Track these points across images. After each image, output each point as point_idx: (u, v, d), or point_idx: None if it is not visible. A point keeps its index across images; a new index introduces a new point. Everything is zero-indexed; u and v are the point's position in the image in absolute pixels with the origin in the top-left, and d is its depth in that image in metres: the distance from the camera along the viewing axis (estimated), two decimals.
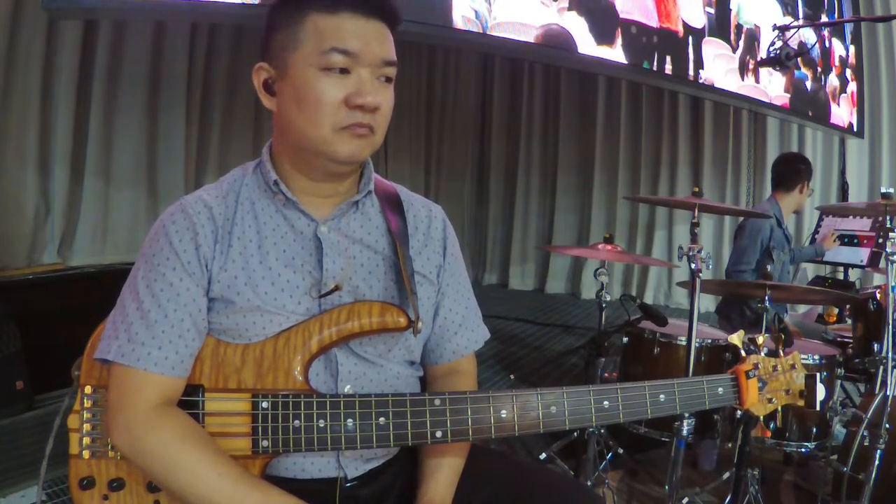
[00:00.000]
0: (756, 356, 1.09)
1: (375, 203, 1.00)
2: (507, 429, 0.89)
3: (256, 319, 0.88)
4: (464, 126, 6.43)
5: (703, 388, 1.02)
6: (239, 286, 0.88)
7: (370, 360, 0.94)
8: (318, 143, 0.88)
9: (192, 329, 0.85)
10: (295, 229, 0.93)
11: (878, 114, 4.95)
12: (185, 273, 0.87)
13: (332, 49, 0.85)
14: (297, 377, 0.87)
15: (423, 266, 1.00)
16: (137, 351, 0.83)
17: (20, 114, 3.29)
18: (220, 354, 0.88)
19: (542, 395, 0.91)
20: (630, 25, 3.48)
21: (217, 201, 0.92)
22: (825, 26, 4.44)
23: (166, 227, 0.89)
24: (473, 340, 1.07)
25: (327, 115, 0.86)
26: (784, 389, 1.11)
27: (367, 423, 0.86)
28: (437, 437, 0.87)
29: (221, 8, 2.70)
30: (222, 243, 0.90)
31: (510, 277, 6.23)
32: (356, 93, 0.86)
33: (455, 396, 0.88)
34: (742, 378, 1.05)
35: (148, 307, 0.85)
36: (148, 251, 0.89)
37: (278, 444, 0.85)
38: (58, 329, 2.50)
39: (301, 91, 0.87)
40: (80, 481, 0.85)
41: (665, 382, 0.99)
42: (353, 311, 0.90)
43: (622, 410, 0.94)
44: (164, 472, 0.80)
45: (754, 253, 2.86)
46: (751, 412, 1.08)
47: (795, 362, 1.13)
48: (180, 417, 0.83)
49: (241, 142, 4.33)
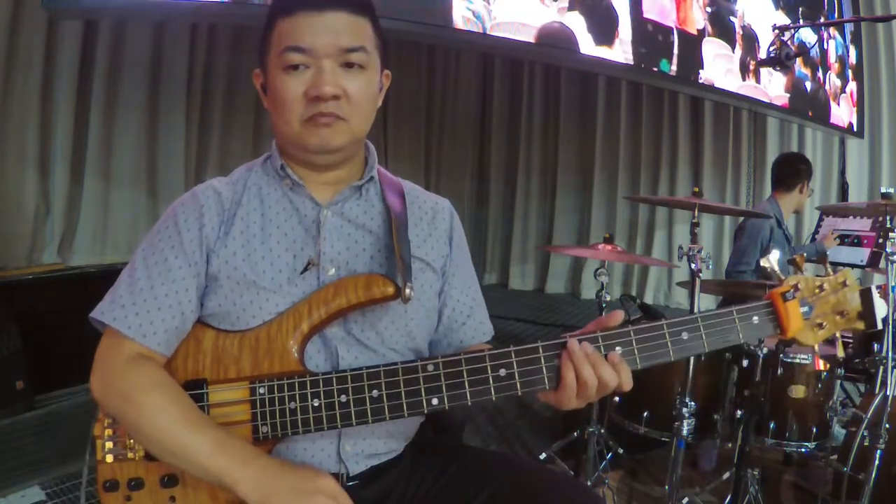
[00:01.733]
0: (796, 276, 0.93)
1: (378, 190, 1.03)
2: (508, 388, 0.85)
3: (253, 298, 0.90)
4: (464, 126, 6.42)
5: (734, 318, 0.89)
6: (237, 261, 0.92)
7: (371, 348, 0.95)
8: (291, 137, 0.94)
9: (175, 307, 0.89)
10: (299, 213, 0.97)
11: (878, 114, 4.95)
12: (182, 253, 0.91)
13: (286, 48, 0.90)
14: (292, 359, 0.89)
15: (427, 254, 1.02)
16: (116, 312, 0.89)
17: (20, 114, 3.28)
18: (219, 346, 0.90)
19: (544, 348, 0.86)
20: (646, 24, 3.49)
21: (226, 188, 0.98)
22: (825, 26, 4.43)
23: (175, 210, 0.95)
24: (481, 332, 1.09)
25: (293, 111, 0.92)
26: (837, 312, 0.93)
27: (360, 397, 0.86)
28: (433, 405, 0.85)
29: (221, 8, 2.70)
30: (227, 224, 0.94)
31: (510, 277, 6.22)
32: (312, 85, 0.90)
33: (449, 359, 0.86)
34: (778, 302, 0.90)
35: (138, 276, 0.91)
36: (155, 229, 0.95)
37: (277, 429, 0.86)
38: (58, 329, 2.50)
39: (272, 92, 0.94)
40: (104, 484, 0.89)
41: (686, 318, 0.88)
42: (340, 286, 0.91)
43: (638, 355, 0.85)
44: (130, 417, 0.85)
45: (754, 253, 2.86)
46: (798, 341, 0.92)
47: (847, 279, 0.94)
48: (149, 367, 0.87)
49: (241, 142, 4.33)
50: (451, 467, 1.02)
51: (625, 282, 5.80)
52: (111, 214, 3.78)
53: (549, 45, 3.19)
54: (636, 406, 2.09)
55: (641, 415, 2.07)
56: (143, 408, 0.83)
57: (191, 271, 0.91)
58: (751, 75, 4.08)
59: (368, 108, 0.96)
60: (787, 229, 3.00)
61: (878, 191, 2.02)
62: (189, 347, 0.91)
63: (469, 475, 0.99)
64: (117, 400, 0.86)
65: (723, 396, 2.07)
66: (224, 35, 4.17)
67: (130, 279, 0.91)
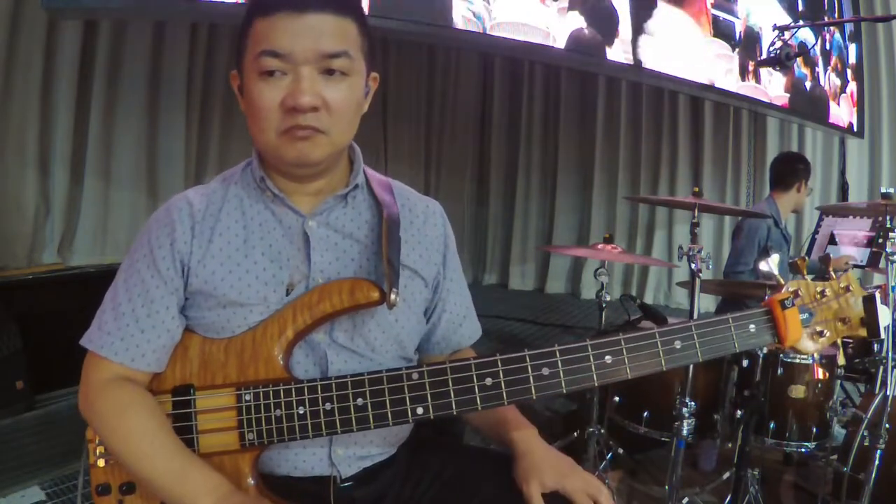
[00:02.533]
0: (796, 281, 0.89)
1: (366, 196, 0.99)
2: (494, 398, 0.84)
3: (237, 310, 0.89)
4: (464, 126, 6.42)
5: (730, 327, 0.86)
6: (216, 281, 0.89)
7: (360, 354, 0.93)
8: (267, 148, 0.89)
9: (159, 326, 0.88)
10: (283, 224, 0.93)
11: (878, 114, 4.94)
12: (156, 272, 0.89)
13: (262, 52, 0.84)
14: (277, 366, 0.88)
15: (416, 262, 0.99)
16: (103, 340, 0.89)
17: (20, 114, 3.29)
18: (205, 352, 0.90)
19: (531, 357, 0.84)
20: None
21: (200, 198, 0.94)
22: (825, 26, 4.43)
23: (150, 227, 0.93)
24: (475, 331, 1.09)
25: (268, 121, 0.85)
26: (839, 318, 0.90)
27: (344, 405, 0.85)
28: (418, 415, 0.84)
29: (221, 8, 2.70)
30: (200, 238, 0.91)
31: (510, 277, 6.22)
32: (289, 95, 0.83)
33: (434, 368, 0.85)
34: (777, 310, 0.87)
35: (120, 300, 0.90)
36: (133, 248, 0.93)
37: (263, 436, 0.86)
38: (58, 329, 2.50)
39: (247, 98, 0.89)
40: (97, 487, 0.89)
41: (680, 326, 0.85)
42: (325, 291, 0.89)
43: (628, 364, 0.84)
44: (107, 436, 0.86)
45: (752, 253, 2.86)
46: (797, 350, 0.89)
47: (850, 283, 0.91)
48: (127, 389, 0.87)
49: (241, 142, 4.33)
50: (449, 466, 1.01)
51: (625, 282, 5.80)
52: (111, 214, 3.78)
53: (579, 52, 3.21)
54: (636, 406, 2.09)
55: (641, 415, 2.07)
56: (116, 431, 0.85)
57: (168, 289, 0.89)
58: (750, 76, 4.08)
59: (351, 118, 0.90)
60: (785, 229, 3.00)
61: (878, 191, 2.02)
62: (177, 353, 0.91)
63: (468, 473, 0.99)
64: (96, 421, 0.88)
65: (723, 396, 2.07)
66: (224, 35, 4.17)
67: (114, 303, 0.90)
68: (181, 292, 0.91)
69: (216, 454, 0.87)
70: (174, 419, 0.87)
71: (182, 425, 0.87)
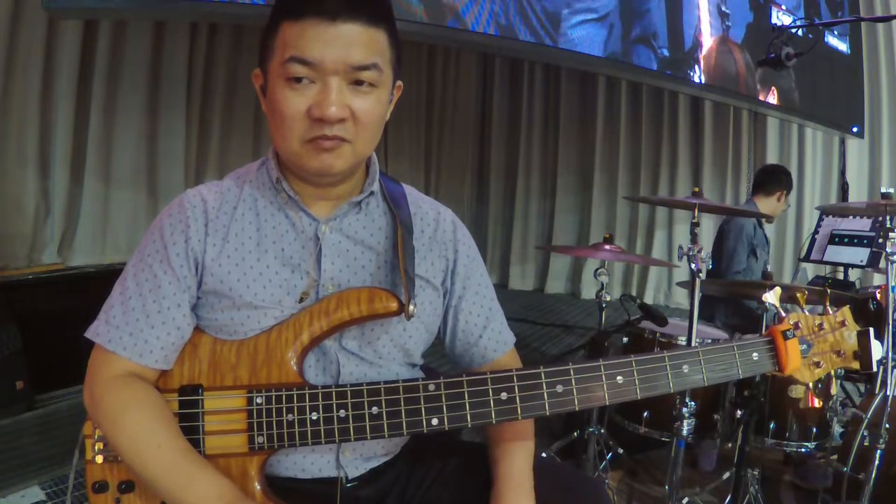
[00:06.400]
0: (796, 314, 0.95)
1: (380, 203, 0.99)
2: (509, 412, 0.85)
3: (251, 313, 0.88)
4: (464, 126, 6.42)
5: (734, 354, 0.91)
6: (231, 282, 0.88)
7: (368, 361, 0.93)
8: (289, 155, 0.88)
9: (169, 323, 0.87)
10: (296, 228, 0.93)
11: (878, 114, 4.94)
12: (169, 268, 0.88)
13: (290, 59, 0.82)
14: (290, 370, 0.87)
15: (427, 270, 0.98)
16: (111, 333, 0.87)
17: (20, 114, 3.28)
18: (216, 353, 0.88)
19: (546, 374, 0.85)
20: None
21: (214, 195, 0.93)
22: (825, 26, 4.43)
23: (162, 222, 0.91)
24: (501, 342, 1.03)
25: (293, 128, 0.84)
26: (835, 351, 0.96)
27: (359, 413, 0.84)
28: (433, 426, 0.84)
29: (221, 8, 2.70)
30: (214, 236, 0.90)
31: (510, 277, 6.22)
32: (316, 104, 0.82)
33: (451, 381, 0.85)
34: (779, 339, 0.93)
35: (130, 295, 0.88)
36: (143, 242, 0.91)
37: (273, 440, 0.85)
38: (58, 329, 2.50)
39: (272, 103, 0.87)
40: (93, 485, 0.87)
41: (688, 351, 0.89)
42: (342, 299, 0.88)
43: (639, 385, 0.86)
44: (112, 434, 0.84)
45: (744, 252, 2.89)
46: (796, 379, 0.95)
47: (846, 318, 0.97)
48: (134, 385, 0.85)
49: (241, 142, 4.33)
50: (451, 463, 1.01)
51: (625, 282, 5.80)
52: (111, 214, 3.78)
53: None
54: (636, 406, 2.09)
55: (641, 415, 2.07)
56: (123, 429, 0.83)
57: (181, 286, 0.88)
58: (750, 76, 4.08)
59: (376, 129, 0.89)
60: (765, 231, 3.09)
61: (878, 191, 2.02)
62: (185, 352, 0.90)
63: (470, 471, 0.99)
64: (101, 417, 0.86)
65: (723, 396, 2.07)
66: (224, 35, 4.17)
67: (122, 297, 0.88)
68: (193, 290, 0.89)
69: (223, 456, 0.86)
70: (180, 419, 0.86)
71: (188, 425, 0.86)
